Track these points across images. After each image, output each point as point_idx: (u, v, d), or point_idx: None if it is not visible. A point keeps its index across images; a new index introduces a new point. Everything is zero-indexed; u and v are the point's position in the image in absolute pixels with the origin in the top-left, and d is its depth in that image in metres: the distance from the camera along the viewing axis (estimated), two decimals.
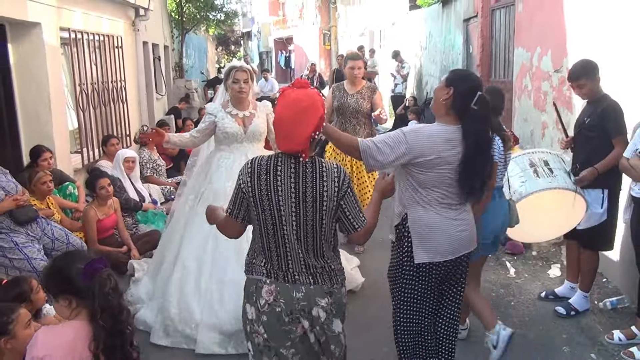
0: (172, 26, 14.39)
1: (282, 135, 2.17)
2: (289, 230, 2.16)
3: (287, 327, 2.16)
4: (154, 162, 7.06)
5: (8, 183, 3.98)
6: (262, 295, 2.18)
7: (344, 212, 2.21)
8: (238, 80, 3.85)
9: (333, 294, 2.22)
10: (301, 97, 2.16)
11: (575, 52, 5.03)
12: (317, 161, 2.20)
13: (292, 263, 2.18)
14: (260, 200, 2.15)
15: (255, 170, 2.17)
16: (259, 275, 2.21)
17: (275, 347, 2.18)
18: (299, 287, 2.17)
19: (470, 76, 2.79)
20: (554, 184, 3.46)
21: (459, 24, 9.58)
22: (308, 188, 2.14)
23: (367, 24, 18.89)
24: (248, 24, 40.09)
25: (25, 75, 5.66)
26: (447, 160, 2.57)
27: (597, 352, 3.53)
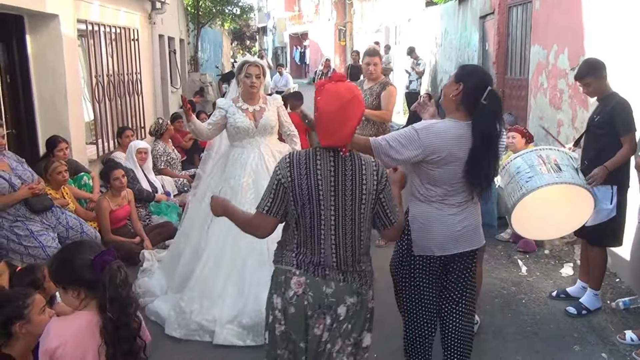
0: (188, 20, 14.45)
1: (325, 130, 2.12)
2: (326, 225, 2.14)
3: (310, 322, 2.14)
4: (168, 155, 7.10)
5: (24, 172, 4.03)
6: (291, 287, 2.15)
7: (382, 206, 2.20)
8: (250, 74, 3.87)
9: (360, 294, 2.20)
10: (343, 91, 2.11)
11: (593, 50, 4.97)
12: (356, 156, 2.19)
13: (325, 258, 2.15)
14: (300, 194, 2.12)
15: (294, 164, 2.13)
16: (289, 266, 2.18)
17: (293, 339, 2.16)
18: (329, 283, 2.15)
19: (479, 71, 2.77)
20: (560, 179, 3.44)
21: (475, 21, 9.51)
22: (347, 182, 2.13)
23: (382, 20, 18.82)
24: (264, 19, 40.14)
25: (43, 66, 5.73)
26: (458, 156, 2.57)
27: (609, 352, 3.50)
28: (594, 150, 3.75)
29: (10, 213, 3.89)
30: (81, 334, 1.97)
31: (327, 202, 2.12)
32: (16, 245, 3.89)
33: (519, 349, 3.54)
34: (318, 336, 2.15)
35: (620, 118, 3.59)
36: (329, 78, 2.19)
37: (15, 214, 3.90)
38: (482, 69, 2.93)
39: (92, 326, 1.97)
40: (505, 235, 5.48)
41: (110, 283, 1.95)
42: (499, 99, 2.65)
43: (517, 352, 3.50)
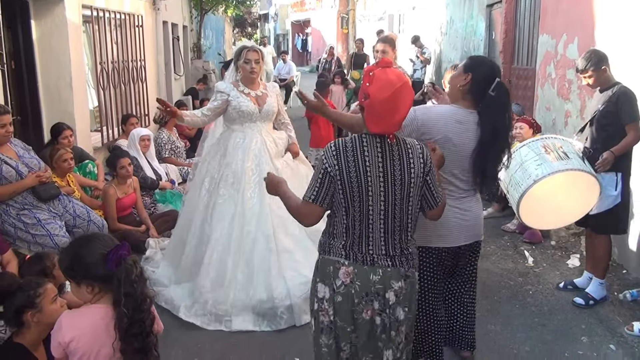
0: (191, 6, 14.34)
1: (377, 117, 2.09)
2: (375, 212, 2.14)
3: (356, 308, 2.16)
4: (172, 143, 7.07)
5: (31, 160, 4.01)
6: (339, 277, 2.17)
7: (429, 188, 2.24)
8: (249, 60, 3.86)
9: (408, 277, 2.22)
10: (393, 79, 2.09)
11: (604, 40, 4.93)
12: (402, 141, 2.20)
13: (373, 245, 2.17)
14: (349, 182, 2.11)
15: (341, 152, 2.12)
16: (337, 257, 2.19)
17: (340, 326, 2.19)
18: (377, 270, 2.16)
19: (488, 63, 2.78)
20: (569, 166, 3.45)
21: (482, 9, 9.42)
22: (396, 168, 2.14)
23: (386, 8, 18.66)
24: (265, 6, 39.85)
25: (48, 52, 5.69)
26: (454, 141, 2.58)
27: (617, 343, 3.50)
28: (599, 139, 3.79)
29: (18, 201, 3.87)
30: (96, 328, 1.95)
31: (377, 190, 2.12)
32: (24, 233, 3.88)
33: (527, 340, 3.54)
34: (368, 320, 2.17)
35: (625, 107, 3.66)
36: (376, 63, 2.18)
37: (22, 202, 3.89)
38: (491, 61, 2.94)
39: (107, 320, 1.96)
40: (511, 226, 5.47)
41: (126, 278, 1.93)
42: (507, 91, 2.67)
43: (525, 343, 3.50)
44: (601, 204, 3.71)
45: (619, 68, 4.24)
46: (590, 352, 3.42)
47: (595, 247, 4.00)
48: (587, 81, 3.83)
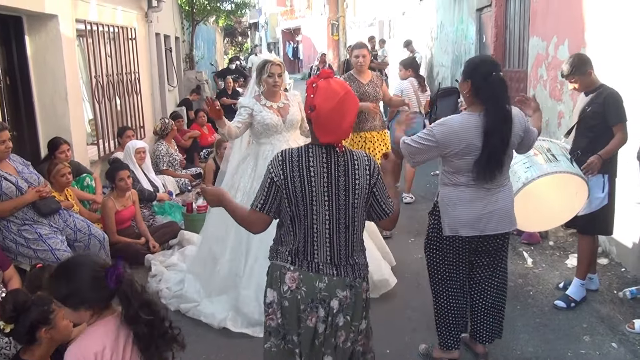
0: (183, 17, 14.37)
1: (325, 128, 2.13)
2: (319, 221, 2.18)
3: (303, 315, 2.19)
4: (170, 155, 7.10)
5: (30, 175, 4.01)
6: (286, 282, 2.20)
7: (376, 199, 2.27)
8: (273, 74, 3.91)
9: (354, 287, 2.24)
10: (336, 88, 2.14)
11: (594, 41, 4.99)
12: (348, 151, 2.23)
13: (318, 253, 2.20)
14: (294, 191, 2.16)
15: (287, 162, 2.17)
16: (283, 262, 2.23)
17: (286, 330, 2.23)
18: (322, 277, 2.19)
19: (483, 62, 2.95)
20: (558, 168, 3.52)
21: (471, 13, 9.50)
22: (340, 177, 2.17)
23: (376, 14, 18.77)
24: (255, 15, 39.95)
25: (42, 67, 5.70)
26: (477, 146, 2.79)
27: (619, 341, 3.53)
28: (586, 140, 3.84)
29: (18, 217, 3.88)
30: (110, 344, 1.92)
31: (321, 199, 2.16)
32: (25, 249, 3.88)
33: (529, 340, 3.57)
34: (311, 328, 2.20)
35: (612, 108, 3.71)
36: (317, 75, 2.21)
37: (23, 217, 3.89)
38: (487, 59, 3.17)
39: (116, 333, 1.93)
40: None
41: (133, 292, 1.92)
42: (502, 81, 2.84)
43: (528, 344, 3.53)
44: (589, 205, 3.78)
45: (608, 69, 4.31)
46: (593, 351, 3.45)
47: (580, 247, 4.06)
48: (574, 85, 3.89)
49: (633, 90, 4.12)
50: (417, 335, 3.67)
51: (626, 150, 3.91)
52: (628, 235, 4.46)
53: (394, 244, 5.31)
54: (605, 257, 4.79)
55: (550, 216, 3.87)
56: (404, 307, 4.07)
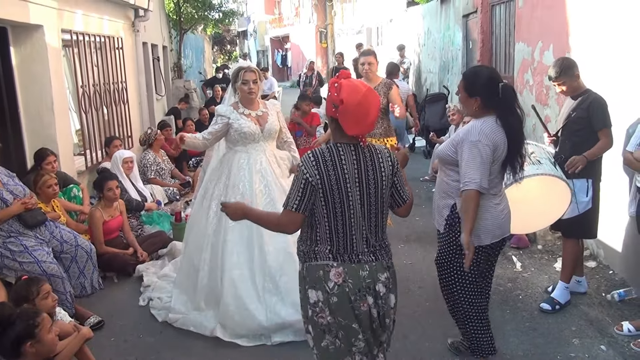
0: (170, 26, 14.36)
1: (353, 120, 2.23)
2: (355, 213, 2.29)
3: (354, 305, 2.28)
4: (157, 164, 7.07)
5: (16, 186, 3.98)
6: (331, 278, 2.28)
7: (396, 187, 2.42)
8: (247, 81, 3.83)
9: (390, 268, 2.41)
10: (358, 85, 2.27)
11: (578, 46, 5.05)
12: (371, 146, 2.37)
13: (357, 244, 2.31)
14: (330, 190, 2.24)
15: (320, 162, 2.25)
16: (325, 261, 2.30)
17: (346, 324, 2.29)
18: (364, 266, 2.31)
19: (484, 75, 2.99)
20: (540, 171, 3.55)
21: (458, 19, 9.59)
22: (369, 171, 2.30)
23: (364, 21, 18.89)
24: (244, 23, 40.01)
25: (28, 78, 5.66)
26: (505, 147, 2.92)
27: (607, 343, 3.55)
28: (570, 144, 3.86)
29: (4, 229, 3.84)
30: None
31: (354, 193, 2.27)
32: (10, 261, 3.84)
33: (519, 344, 3.58)
34: (366, 312, 2.30)
35: (597, 113, 3.74)
36: (337, 76, 2.32)
37: (8, 229, 3.85)
38: (485, 69, 3.17)
39: None
40: None
41: None
42: (512, 89, 2.96)
43: (518, 348, 3.54)
44: (573, 209, 3.80)
45: (592, 73, 4.35)
46: (582, 354, 3.46)
47: (564, 251, 4.08)
48: (562, 88, 3.91)
49: (617, 95, 4.17)
50: (408, 341, 3.66)
51: (611, 155, 3.95)
52: (616, 238, 4.49)
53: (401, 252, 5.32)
54: (594, 260, 4.82)
55: (534, 219, 3.88)
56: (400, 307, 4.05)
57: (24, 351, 2.34)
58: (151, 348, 3.68)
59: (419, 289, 4.42)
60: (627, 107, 4.11)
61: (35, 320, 2.36)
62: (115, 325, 3.99)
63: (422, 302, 4.15)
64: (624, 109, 4.12)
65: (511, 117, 2.90)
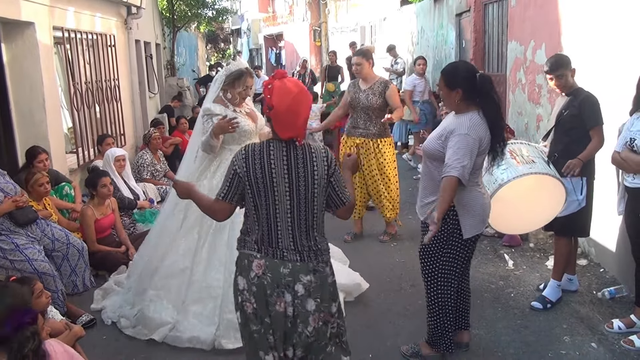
0: (164, 24, 14.31)
1: (283, 124, 2.30)
2: (281, 210, 2.33)
3: (270, 299, 2.34)
4: (153, 166, 7.05)
5: (6, 184, 3.96)
6: (253, 269, 2.35)
7: (333, 188, 2.42)
8: (248, 87, 3.89)
9: (317, 272, 2.38)
10: (290, 87, 2.31)
11: (570, 45, 5.07)
12: (307, 145, 2.39)
13: (282, 241, 2.35)
14: (256, 183, 2.31)
15: (249, 155, 2.33)
16: (250, 250, 2.38)
17: (261, 315, 2.36)
18: (286, 264, 2.34)
19: (461, 67, 3.12)
20: (534, 170, 3.56)
21: (451, 18, 9.61)
22: (300, 169, 2.33)
23: (357, 19, 18.89)
24: (237, 21, 39.91)
25: (19, 75, 5.63)
26: (487, 141, 3.00)
27: (598, 341, 3.57)
28: (563, 143, 3.88)
29: None
30: None
31: (282, 189, 2.32)
32: (1, 260, 3.82)
33: (511, 342, 3.59)
34: (281, 312, 2.34)
35: (589, 111, 3.76)
36: (272, 76, 2.38)
37: None
38: (462, 63, 3.32)
39: None
40: (490, 230, 5.52)
41: (17, 352, 1.79)
42: (488, 77, 3.05)
43: (510, 346, 3.55)
44: (567, 207, 3.82)
45: (584, 72, 4.37)
46: (573, 351, 3.48)
47: (557, 249, 4.10)
48: (558, 82, 3.91)
49: (610, 93, 4.19)
50: (399, 339, 3.67)
51: (604, 153, 3.97)
52: (607, 237, 4.51)
53: (376, 249, 5.34)
54: (585, 258, 4.85)
55: (528, 219, 3.91)
56: (385, 311, 4.07)
57: None
58: (143, 347, 3.67)
59: (411, 287, 4.43)
60: (619, 106, 4.13)
61: None
62: (107, 324, 3.97)
63: (414, 301, 4.16)
64: (616, 108, 4.14)
65: (491, 106, 2.99)
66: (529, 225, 4.22)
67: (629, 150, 3.44)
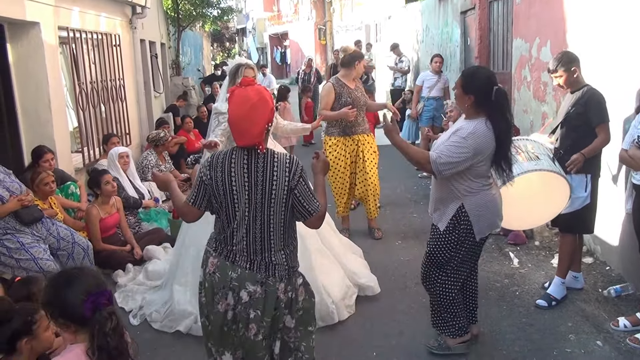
0: (168, 23, 14.34)
1: (237, 132, 2.33)
2: (240, 217, 2.36)
3: (216, 298, 2.41)
4: (158, 167, 7.07)
5: (12, 183, 3.98)
6: (208, 265, 2.45)
7: (297, 200, 2.38)
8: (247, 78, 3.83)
9: (265, 284, 2.38)
10: (250, 95, 2.32)
11: (575, 43, 5.04)
12: (270, 153, 2.39)
13: (237, 245, 2.39)
14: (217, 189, 2.37)
15: (213, 163, 2.39)
16: (209, 247, 2.50)
17: (208, 309, 2.45)
18: (236, 269, 2.38)
19: (482, 76, 3.12)
20: (539, 166, 3.56)
21: (456, 16, 9.57)
22: (259, 177, 2.34)
23: (362, 18, 18.86)
24: (242, 20, 39.97)
25: (25, 75, 5.65)
26: (493, 148, 3.04)
27: (603, 339, 3.55)
28: (569, 140, 3.87)
29: (0, 226, 3.83)
30: None
31: (241, 197, 2.34)
32: (7, 258, 3.84)
33: (516, 340, 3.58)
34: (222, 313, 2.40)
35: (595, 109, 3.75)
36: (239, 83, 2.39)
37: (4, 226, 3.86)
38: (484, 71, 3.29)
39: None
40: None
41: (99, 331, 1.84)
42: (505, 94, 3.05)
43: (514, 344, 3.54)
44: (572, 204, 3.81)
45: (590, 69, 4.34)
46: (578, 350, 3.46)
47: (561, 246, 4.09)
48: (558, 81, 3.91)
49: (615, 91, 4.16)
50: (403, 337, 3.67)
51: (609, 150, 3.95)
52: (612, 234, 4.49)
53: (381, 247, 5.33)
54: (590, 256, 4.83)
55: (532, 215, 3.90)
56: (390, 310, 4.07)
57: (19, 347, 2.34)
58: (148, 344, 3.68)
59: (416, 285, 4.42)
60: (625, 103, 4.11)
61: (34, 317, 2.36)
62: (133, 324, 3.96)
63: (418, 299, 4.15)
64: (621, 105, 4.12)
65: (502, 122, 3.01)
66: (533, 221, 4.22)
67: (636, 148, 3.42)
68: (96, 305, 1.85)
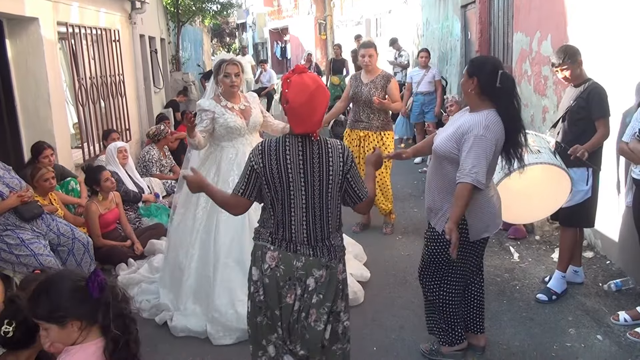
0: (168, 19, 14.30)
1: (298, 119, 2.30)
2: (296, 205, 2.35)
3: (282, 291, 2.37)
4: (159, 161, 7.06)
5: (12, 179, 3.97)
6: (266, 260, 2.39)
7: (350, 185, 2.43)
8: (229, 74, 3.78)
9: (329, 267, 2.41)
10: (308, 82, 2.30)
11: (576, 36, 5.02)
12: (323, 140, 2.39)
13: (296, 234, 2.38)
14: (272, 178, 2.34)
15: (265, 151, 2.35)
16: (265, 242, 2.42)
17: (271, 307, 2.40)
18: (299, 257, 2.37)
19: (488, 60, 3.05)
20: (540, 159, 3.55)
21: (456, 10, 9.53)
22: (315, 164, 2.35)
23: (362, 12, 18.80)
24: (243, 15, 39.85)
25: (24, 71, 5.64)
26: (501, 142, 2.91)
27: (604, 333, 3.55)
28: (571, 134, 3.86)
29: (0, 222, 3.83)
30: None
31: (297, 184, 2.34)
32: (7, 254, 3.84)
33: (516, 334, 3.58)
34: (290, 305, 2.38)
35: (596, 103, 3.73)
36: (292, 70, 2.37)
37: (4, 222, 3.85)
38: (491, 57, 3.19)
39: (98, 355, 1.85)
40: None
41: (114, 300, 1.86)
42: (512, 78, 2.95)
43: (515, 338, 3.54)
44: (573, 198, 3.81)
45: (591, 63, 4.33)
46: (578, 344, 3.46)
47: (562, 240, 4.09)
48: (564, 74, 3.87)
49: (616, 85, 4.15)
50: (404, 332, 3.67)
51: (610, 144, 3.93)
52: (613, 229, 4.49)
53: (381, 241, 5.33)
54: (591, 250, 4.82)
55: (533, 208, 3.89)
56: (390, 304, 4.07)
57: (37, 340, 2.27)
58: (148, 340, 3.67)
59: (416, 280, 4.35)
60: (626, 96, 4.10)
61: None
62: None
63: (418, 294, 4.11)
64: (622, 99, 4.11)
65: (510, 107, 2.86)
66: (534, 215, 4.21)
67: (637, 141, 3.41)
68: (100, 282, 1.84)
